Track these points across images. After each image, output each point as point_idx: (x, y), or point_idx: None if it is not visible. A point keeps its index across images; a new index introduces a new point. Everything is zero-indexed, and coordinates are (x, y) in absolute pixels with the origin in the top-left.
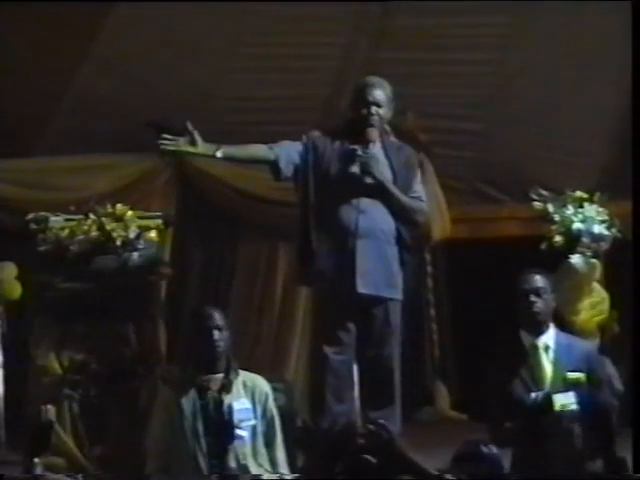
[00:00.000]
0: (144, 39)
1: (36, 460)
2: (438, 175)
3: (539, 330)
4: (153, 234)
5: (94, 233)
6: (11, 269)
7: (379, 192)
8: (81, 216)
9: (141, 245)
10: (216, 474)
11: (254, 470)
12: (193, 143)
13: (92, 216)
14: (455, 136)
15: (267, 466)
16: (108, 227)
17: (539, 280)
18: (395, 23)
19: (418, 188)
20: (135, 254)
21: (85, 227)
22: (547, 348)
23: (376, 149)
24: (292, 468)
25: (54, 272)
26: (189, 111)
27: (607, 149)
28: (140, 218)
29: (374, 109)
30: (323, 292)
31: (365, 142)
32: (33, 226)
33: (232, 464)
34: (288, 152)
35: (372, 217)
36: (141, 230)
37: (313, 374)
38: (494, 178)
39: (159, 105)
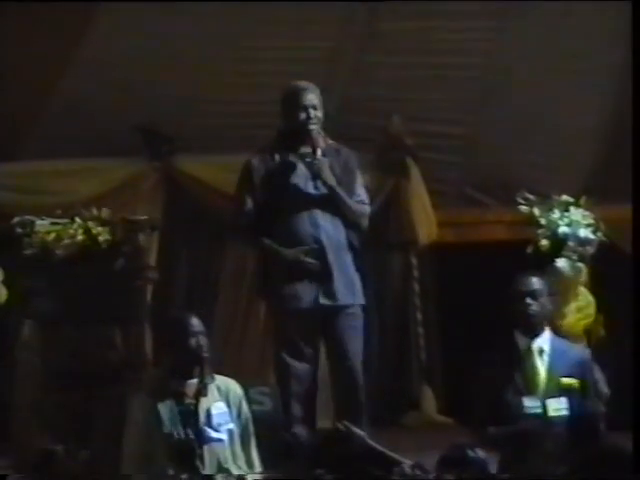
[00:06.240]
0: (130, 43)
1: None
2: (424, 179)
3: (534, 333)
4: (139, 238)
5: (80, 237)
6: None
7: (328, 199)
8: (67, 220)
9: (127, 249)
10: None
11: (235, 473)
12: None
13: (78, 220)
14: (441, 140)
15: (245, 468)
16: (94, 231)
17: (535, 282)
18: (381, 27)
19: (360, 191)
20: (121, 258)
21: (71, 231)
22: (542, 352)
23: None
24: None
25: (40, 276)
26: (175, 115)
27: (593, 153)
28: (126, 222)
29: (312, 112)
30: (283, 306)
31: (311, 148)
32: (19, 230)
33: (214, 469)
34: (251, 211)
35: (326, 228)
36: (127, 234)
37: (278, 381)
38: (480, 182)
39: (145, 109)
